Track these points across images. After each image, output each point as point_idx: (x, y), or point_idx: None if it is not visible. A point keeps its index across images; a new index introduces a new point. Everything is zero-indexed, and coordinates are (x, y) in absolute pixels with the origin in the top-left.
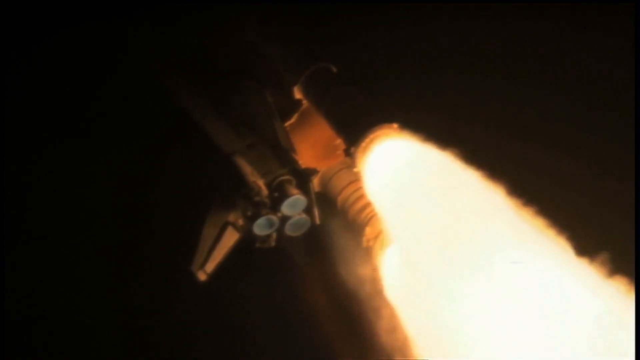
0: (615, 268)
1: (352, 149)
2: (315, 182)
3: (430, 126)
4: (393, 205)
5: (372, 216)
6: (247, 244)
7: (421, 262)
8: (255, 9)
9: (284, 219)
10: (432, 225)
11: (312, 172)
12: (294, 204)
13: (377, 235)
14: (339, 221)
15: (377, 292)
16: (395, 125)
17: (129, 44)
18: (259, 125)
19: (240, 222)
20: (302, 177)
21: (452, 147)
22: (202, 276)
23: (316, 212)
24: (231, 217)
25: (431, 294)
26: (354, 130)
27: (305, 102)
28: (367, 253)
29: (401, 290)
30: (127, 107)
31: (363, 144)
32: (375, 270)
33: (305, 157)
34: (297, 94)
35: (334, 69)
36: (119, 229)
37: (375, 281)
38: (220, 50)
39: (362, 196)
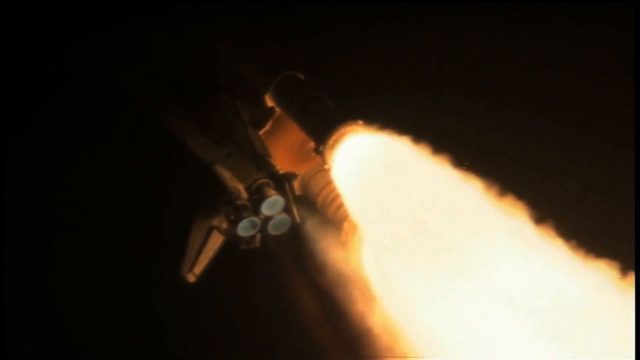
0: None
1: (321, 147)
2: (296, 186)
3: (398, 123)
4: (361, 197)
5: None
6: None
7: (387, 251)
8: (225, 25)
9: (266, 220)
10: (398, 215)
11: (291, 175)
12: (273, 205)
13: (355, 230)
14: (320, 220)
15: (356, 283)
16: (360, 122)
17: (111, 69)
18: (235, 135)
19: (225, 225)
20: (279, 179)
21: (422, 141)
22: (191, 278)
23: (295, 210)
24: (215, 222)
25: (402, 284)
26: (321, 130)
27: (277, 110)
28: (346, 247)
29: (378, 280)
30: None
31: (330, 142)
32: (354, 262)
33: (282, 161)
34: (269, 102)
35: (301, 76)
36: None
37: (354, 273)
38: (194, 68)
39: (339, 195)
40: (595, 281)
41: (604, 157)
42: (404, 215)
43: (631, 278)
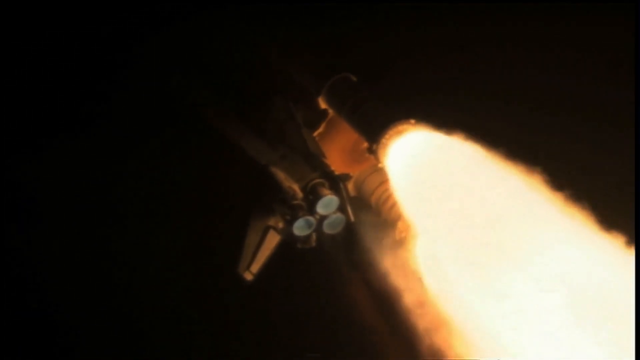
0: None
1: (374, 146)
2: (350, 187)
3: (450, 122)
4: (415, 194)
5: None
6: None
7: (443, 248)
8: (277, 29)
9: (321, 219)
10: (452, 212)
11: (345, 177)
12: (327, 204)
13: (409, 228)
14: (374, 220)
15: (411, 281)
16: (412, 121)
17: (166, 74)
18: (289, 136)
19: (280, 225)
20: (333, 179)
21: (473, 138)
22: (248, 276)
23: (349, 209)
24: (272, 222)
25: (459, 281)
26: (374, 129)
27: (330, 112)
28: (401, 245)
29: (432, 277)
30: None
31: (383, 140)
32: (408, 260)
33: (336, 163)
34: (322, 104)
35: (353, 78)
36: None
37: (409, 271)
38: (248, 72)
39: (392, 194)
40: None
41: None
42: (458, 212)
43: None
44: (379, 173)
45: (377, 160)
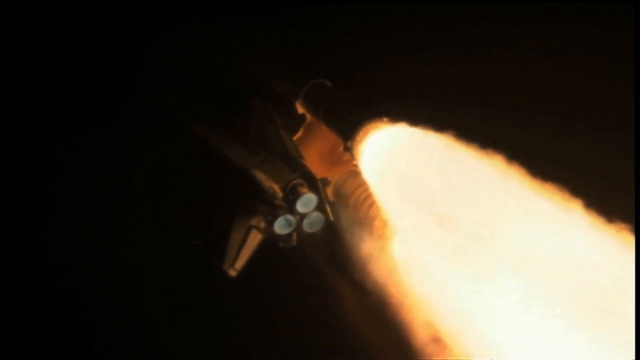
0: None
1: (349, 143)
2: (329, 192)
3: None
4: (389, 189)
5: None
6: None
7: (420, 241)
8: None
9: (301, 218)
10: (429, 207)
11: (324, 181)
12: (307, 202)
13: (386, 225)
14: (352, 220)
15: (390, 277)
16: (385, 119)
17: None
18: (269, 140)
19: (262, 224)
20: (312, 179)
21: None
22: (232, 273)
23: (328, 208)
24: (254, 222)
25: (439, 277)
26: (349, 127)
27: (308, 117)
28: (379, 243)
29: (409, 272)
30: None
31: (358, 137)
32: (387, 256)
33: (315, 166)
34: (300, 109)
35: (328, 83)
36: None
37: (387, 267)
38: (227, 80)
39: (370, 195)
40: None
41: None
42: (434, 208)
43: None
44: (357, 176)
45: (353, 157)
